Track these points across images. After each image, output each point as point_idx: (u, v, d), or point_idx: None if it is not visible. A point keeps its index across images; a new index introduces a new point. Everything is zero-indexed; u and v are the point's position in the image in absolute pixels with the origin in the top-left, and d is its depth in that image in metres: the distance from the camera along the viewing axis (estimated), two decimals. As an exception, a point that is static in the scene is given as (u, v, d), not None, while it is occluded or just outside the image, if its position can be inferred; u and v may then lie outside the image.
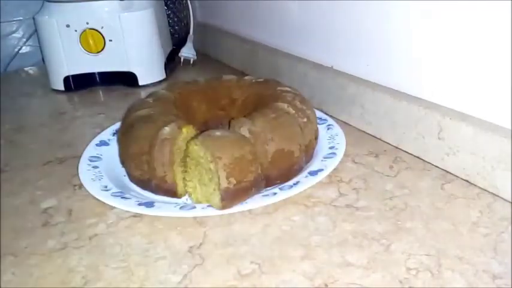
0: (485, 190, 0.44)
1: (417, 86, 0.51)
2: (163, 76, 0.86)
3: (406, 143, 0.53)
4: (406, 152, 0.53)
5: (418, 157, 0.51)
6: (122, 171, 0.51)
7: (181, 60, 0.95)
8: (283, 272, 0.36)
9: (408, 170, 0.50)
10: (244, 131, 0.44)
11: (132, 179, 0.49)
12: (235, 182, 0.40)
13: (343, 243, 0.39)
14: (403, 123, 0.52)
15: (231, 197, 0.41)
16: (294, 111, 0.48)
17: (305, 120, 0.49)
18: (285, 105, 0.49)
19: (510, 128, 0.42)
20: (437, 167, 0.49)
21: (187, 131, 0.45)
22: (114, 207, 0.45)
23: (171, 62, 0.92)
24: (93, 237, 0.42)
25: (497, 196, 0.43)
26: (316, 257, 0.38)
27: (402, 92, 0.53)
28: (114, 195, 0.45)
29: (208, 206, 0.43)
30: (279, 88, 0.54)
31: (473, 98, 0.46)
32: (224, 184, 0.40)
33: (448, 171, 0.48)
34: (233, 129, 0.44)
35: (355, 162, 0.52)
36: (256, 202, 0.42)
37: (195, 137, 0.42)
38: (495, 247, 0.37)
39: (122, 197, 0.45)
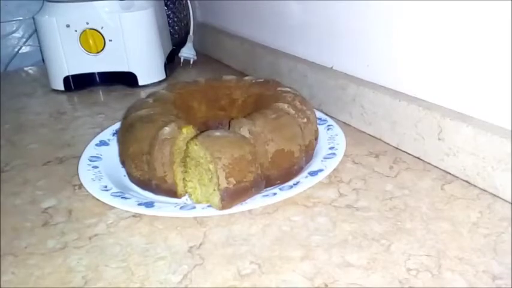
0: (485, 191, 0.44)
1: (417, 86, 0.52)
2: (163, 76, 0.86)
3: (406, 143, 0.53)
4: (406, 152, 0.53)
5: (418, 158, 0.51)
6: (122, 171, 0.51)
7: (181, 60, 0.95)
8: (283, 272, 0.36)
9: (408, 171, 0.50)
10: (244, 132, 0.44)
11: (132, 179, 0.49)
12: (234, 182, 0.40)
13: (343, 244, 0.39)
14: (403, 123, 0.52)
15: (231, 197, 0.41)
16: (294, 112, 0.48)
17: (305, 120, 0.49)
18: (285, 106, 0.49)
19: (510, 128, 0.42)
20: (437, 167, 0.49)
21: (187, 131, 0.45)
22: (114, 207, 0.45)
23: (171, 62, 0.92)
24: (93, 237, 0.42)
25: (497, 197, 0.43)
26: (316, 257, 0.38)
27: (402, 92, 0.53)
28: (114, 195, 0.45)
29: (208, 206, 0.43)
30: (279, 88, 0.54)
31: (473, 98, 0.46)
32: (223, 184, 0.40)
33: (448, 172, 0.48)
34: (233, 129, 0.44)
35: (355, 163, 0.52)
36: (256, 202, 0.42)
37: (195, 137, 0.42)
38: (495, 248, 0.37)
39: (122, 197, 0.45)
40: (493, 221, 0.41)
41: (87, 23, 0.78)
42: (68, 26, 0.78)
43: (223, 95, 0.57)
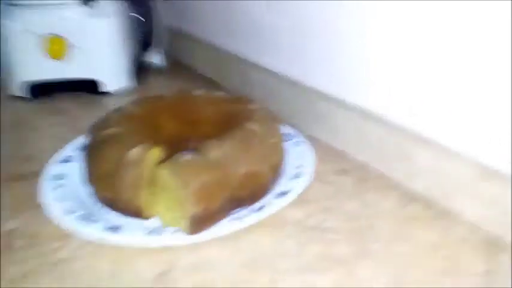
0: (446, 212, 0.46)
1: (385, 106, 0.52)
2: (131, 84, 0.84)
3: (372, 161, 0.54)
4: (372, 170, 0.54)
5: (383, 176, 0.53)
6: (87, 189, 0.49)
7: (150, 67, 0.93)
8: (251, 299, 0.37)
9: (373, 189, 0.51)
10: (213, 155, 0.44)
11: (99, 199, 0.47)
12: (204, 207, 0.40)
13: (310, 267, 0.40)
14: (370, 142, 0.53)
15: (200, 222, 0.41)
16: (263, 132, 0.49)
17: (274, 141, 0.49)
18: (255, 126, 0.49)
19: (471, 154, 0.44)
20: (402, 187, 0.50)
21: (155, 153, 0.45)
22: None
23: (140, 69, 0.90)
24: (57, 263, 0.41)
25: (458, 219, 0.45)
26: (284, 282, 0.38)
27: (371, 111, 0.54)
28: (78, 218, 0.44)
29: (177, 230, 0.43)
30: (249, 106, 0.54)
31: (438, 123, 0.47)
32: (193, 210, 0.40)
33: (411, 192, 0.49)
34: (202, 152, 0.44)
35: (322, 181, 0.52)
36: (225, 227, 0.42)
37: (164, 161, 0.42)
38: (454, 270, 0.39)
39: (87, 221, 0.43)
40: (453, 243, 0.42)
41: (51, 29, 0.75)
42: (30, 31, 0.75)
43: (192, 111, 0.56)
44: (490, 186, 0.42)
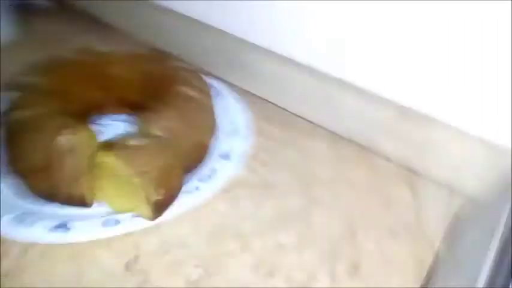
0: (373, 152, 0.51)
1: (308, 53, 0.53)
2: (10, 31, 0.70)
3: (303, 110, 0.55)
4: (300, 117, 0.56)
5: (312, 122, 0.55)
6: (14, 182, 0.43)
7: (32, 8, 0.78)
8: (228, 268, 0.38)
9: (306, 136, 0.53)
10: (160, 131, 0.41)
11: (33, 191, 0.42)
12: (164, 191, 0.39)
13: (272, 226, 0.42)
14: (298, 91, 0.55)
15: (162, 205, 0.40)
16: (198, 96, 0.47)
17: (209, 102, 0.48)
18: (190, 91, 0.47)
19: (392, 97, 0.48)
20: (332, 132, 0.53)
21: (89, 135, 0.41)
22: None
23: (20, 12, 0.75)
24: (4, 277, 0.37)
25: (383, 157, 0.50)
26: (253, 245, 0.40)
27: (294, 59, 0.54)
28: (16, 220, 0.39)
29: (133, 215, 0.41)
30: (175, 65, 0.50)
31: (361, 69, 0.49)
32: (154, 197, 0.38)
33: (340, 136, 0.53)
34: (146, 131, 0.41)
35: (258, 134, 0.53)
36: (183, 204, 0.42)
37: (110, 148, 0.39)
38: (388, 205, 0.45)
39: (28, 221, 0.39)
40: (383, 179, 0.48)
41: None
42: None
43: (108, 74, 0.50)
44: (410, 126, 0.47)
